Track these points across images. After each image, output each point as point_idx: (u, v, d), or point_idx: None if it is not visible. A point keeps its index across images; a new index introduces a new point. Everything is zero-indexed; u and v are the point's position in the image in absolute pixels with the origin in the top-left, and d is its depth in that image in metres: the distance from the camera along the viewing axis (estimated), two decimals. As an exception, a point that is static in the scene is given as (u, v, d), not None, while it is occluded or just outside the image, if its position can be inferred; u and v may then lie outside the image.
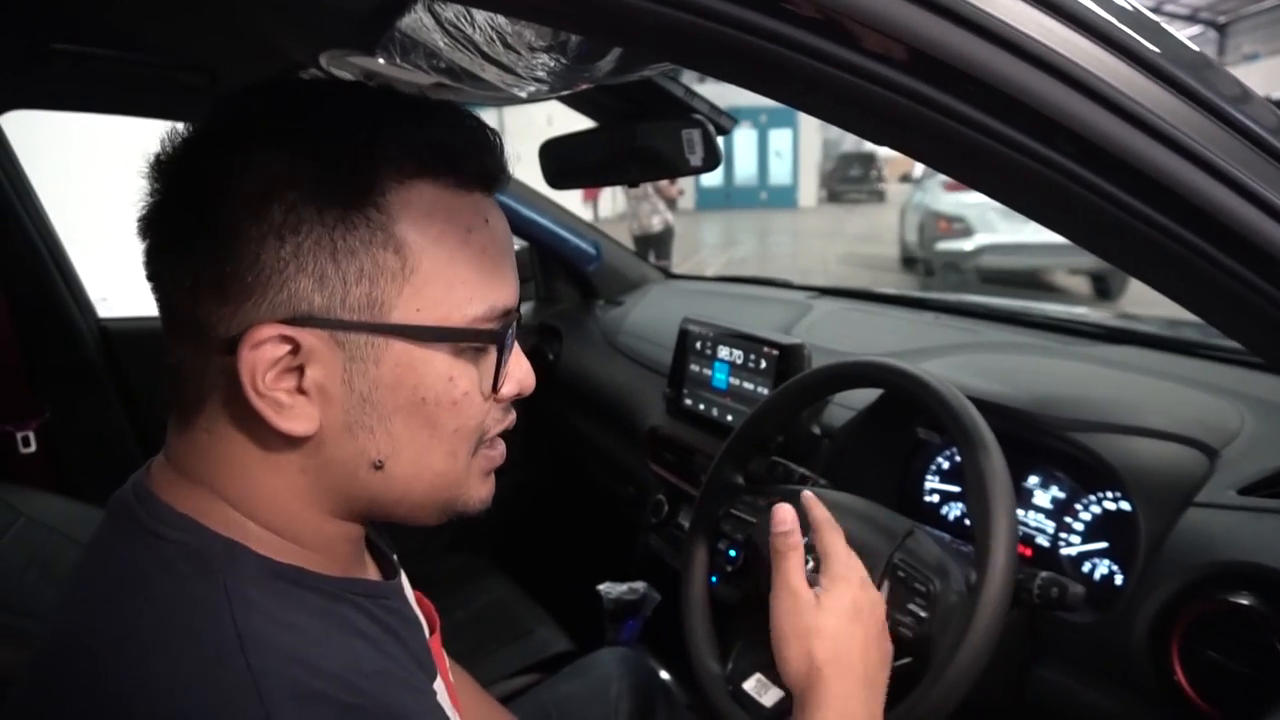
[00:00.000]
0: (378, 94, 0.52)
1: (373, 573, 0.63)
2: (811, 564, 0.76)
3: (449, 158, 0.50)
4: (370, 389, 0.50)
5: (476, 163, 0.52)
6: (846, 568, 0.74)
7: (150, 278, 0.51)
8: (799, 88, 0.46)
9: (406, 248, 0.49)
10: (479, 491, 0.57)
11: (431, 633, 0.69)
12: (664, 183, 7.30)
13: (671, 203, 7.86)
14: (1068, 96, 0.44)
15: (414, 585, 0.71)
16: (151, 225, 0.50)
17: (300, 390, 0.49)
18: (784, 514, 0.75)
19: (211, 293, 0.47)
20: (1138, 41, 0.46)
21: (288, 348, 0.48)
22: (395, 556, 0.71)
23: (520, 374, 0.57)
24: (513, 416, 0.59)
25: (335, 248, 0.47)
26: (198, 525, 0.49)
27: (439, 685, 0.60)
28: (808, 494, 0.81)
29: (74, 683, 0.46)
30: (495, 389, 0.54)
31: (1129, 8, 0.48)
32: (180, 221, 0.49)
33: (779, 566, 0.74)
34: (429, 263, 0.49)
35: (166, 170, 0.50)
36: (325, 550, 0.54)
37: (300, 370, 0.48)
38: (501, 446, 0.58)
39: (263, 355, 0.47)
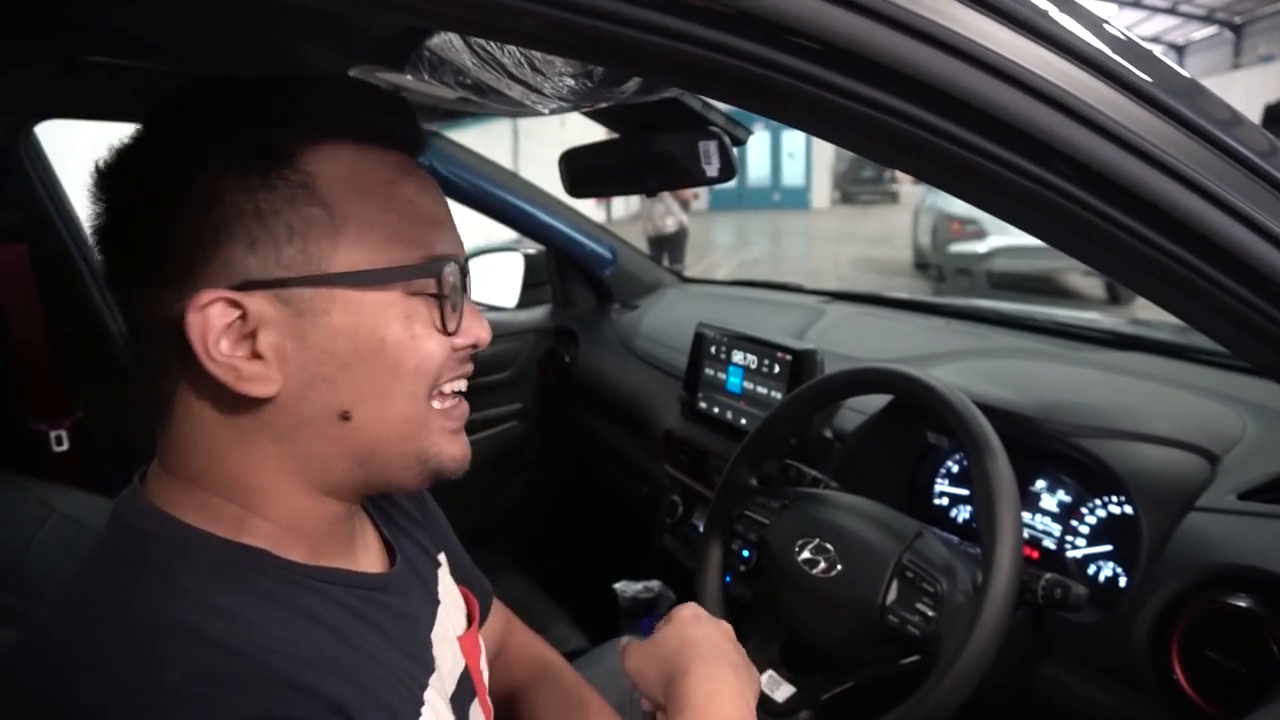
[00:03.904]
0: (285, 78, 0.54)
1: (371, 562, 0.63)
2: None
3: (365, 120, 0.54)
4: (326, 339, 0.51)
5: (389, 126, 0.55)
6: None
7: (109, 286, 0.54)
8: (809, 115, 0.49)
9: (332, 203, 0.51)
10: (450, 448, 0.58)
11: (469, 625, 0.71)
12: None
13: (685, 205, 7.85)
14: (1064, 124, 0.47)
15: None
16: (101, 237, 0.53)
17: (256, 355, 0.50)
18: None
19: (155, 281, 0.50)
20: (1130, 70, 0.48)
21: (236, 313, 0.50)
22: (439, 549, 0.73)
23: (477, 327, 0.58)
24: (469, 369, 0.59)
25: (259, 210, 0.50)
26: (162, 515, 0.52)
27: (440, 680, 0.61)
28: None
29: (26, 669, 0.48)
30: (447, 327, 0.55)
31: (1122, 37, 0.50)
32: (122, 225, 0.52)
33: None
34: (359, 215, 0.52)
35: (106, 182, 0.53)
36: (304, 530, 0.55)
37: (253, 336, 0.50)
38: (464, 405, 0.60)
39: (210, 321, 0.49)
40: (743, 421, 1.36)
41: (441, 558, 0.74)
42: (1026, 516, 1.04)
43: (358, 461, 0.55)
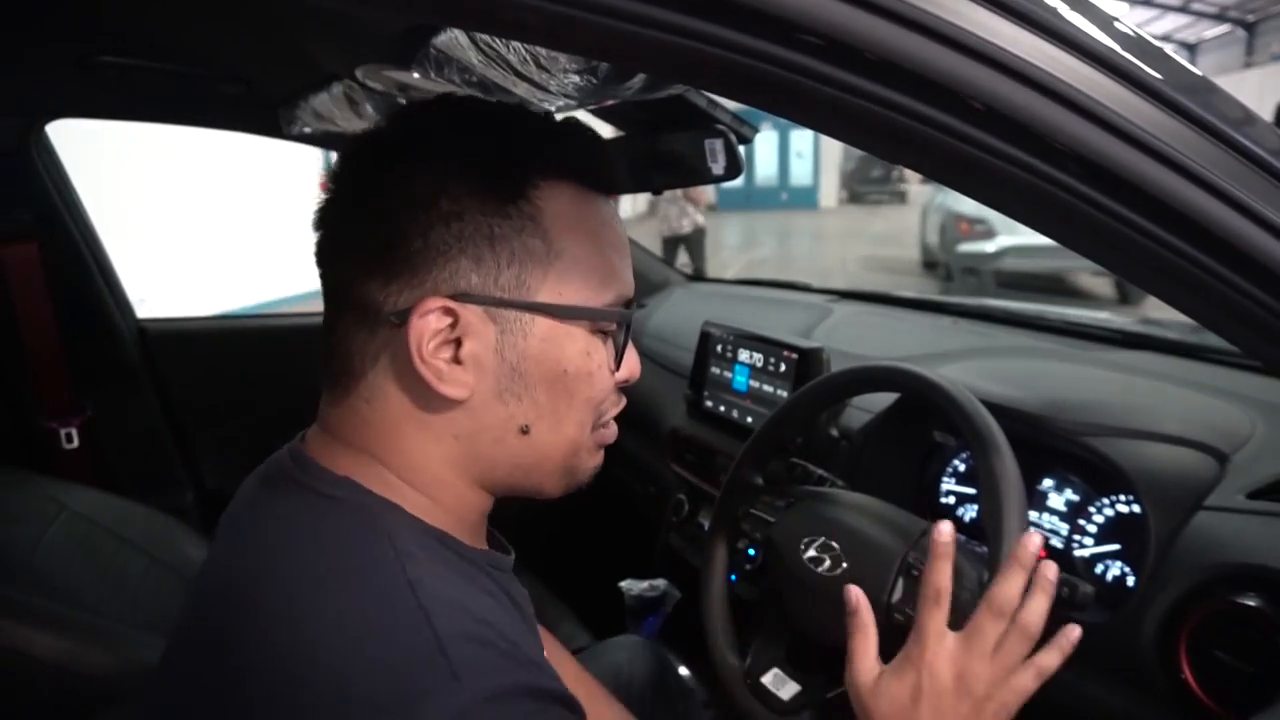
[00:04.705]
0: (525, 111, 0.60)
1: (494, 549, 0.67)
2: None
3: (586, 165, 0.59)
4: (519, 360, 0.56)
5: (605, 171, 0.60)
6: (919, 647, 0.69)
7: (320, 264, 0.58)
8: (815, 111, 0.48)
9: (552, 237, 0.56)
10: (592, 461, 0.64)
11: None
12: (694, 189, 7.32)
13: (699, 207, 7.83)
14: (1073, 121, 0.47)
15: None
16: (326, 220, 0.58)
17: (457, 360, 0.55)
18: (854, 594, 0.75)
19: (380, 275, 0.54)
20: (1140, 68, 0.48)
21: (449, 320, 0.54)
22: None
23: (634, 362, 0.63)
24: (623, 401, 0.64)
25: (492, 233, 0.54)
26: (356, 485, 0.55)
27: None
28: (945, 535, 0.72)
29: (258, 618, 0.50)
30: (617, 366, 0.61)
31: (1131, 34, 0.50)
32: (356, 215, 0.56)
33: (849, 644, 0.74)
34: (570, 251, 0.56)
35: (346, 171, 0.58)
36: (464, 518, 0.59)
37: (457, 343, 0.54)
38: (614, 426, 0.65)
39: (428, 325, 0.53)
40: (749, 420, 1.36)
41: None
42: (1034, 515, 1.03)
43: (521, 470, 0.60)
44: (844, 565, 0.87)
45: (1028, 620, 0.67)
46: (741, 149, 1.06)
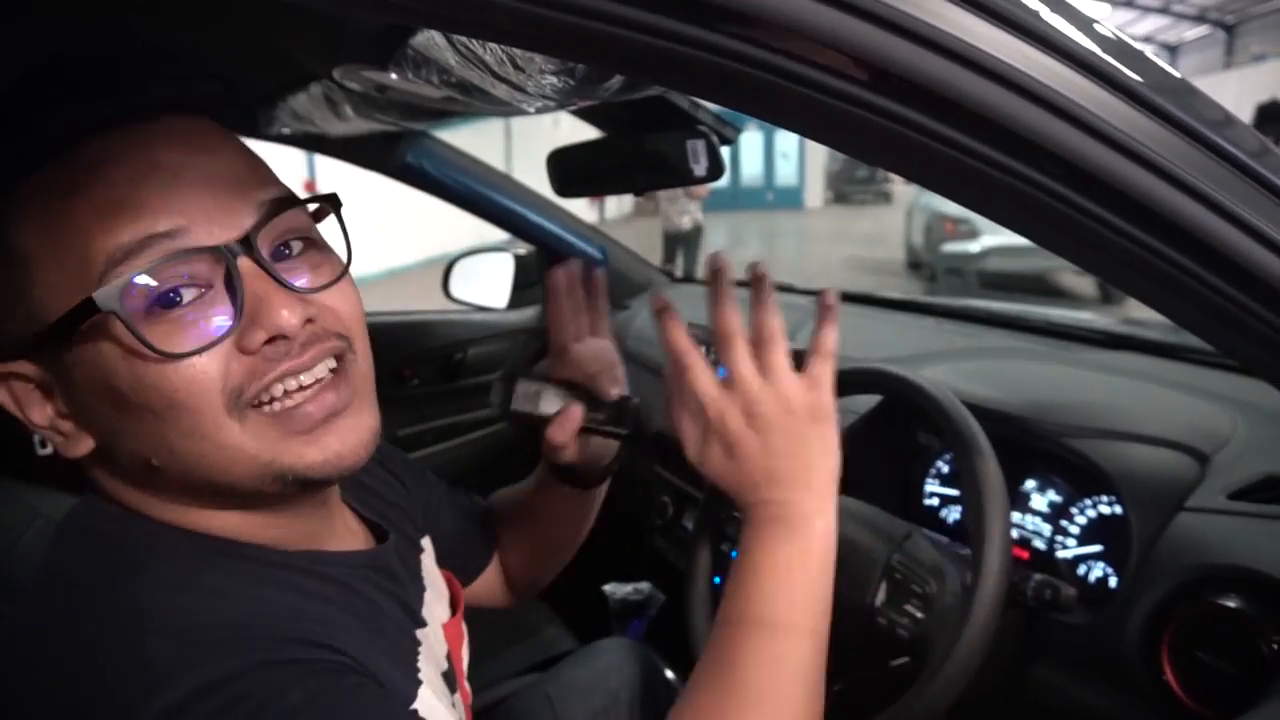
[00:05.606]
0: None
1: (356, 543, 0.62)
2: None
3: (58, 127, 0.46)
4: (84, 397, 0.48)
5: (67, 115, 0.46)
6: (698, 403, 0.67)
7: None
8: (793, 114, 0.48)
9: (20, 246, 0.46)
10: (306, 454, 0.49)
11: (454, 613, 0.70)
12: (694, 185, 7.27)
13: (698, 203, 7.80)
14: (1052, 123, 0.46)
15: None
16: None
17: (63, 415, 0.49)
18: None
19: None
20: (1120, 70, 0.48)
21: (29, 383, 0.48)
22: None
23: (267, 311, 0.46)
24: (293, 363, 0.48)
25: None
26: (124, 514, 0.51)
27: (430, 657, 0.60)
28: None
29: (11, 661, 0.48)
30: (157, 346, 0.45)
31: (1112, 36, 0.50)
32: None
33: (679, 383, 0.69)
34: (44, 252, 0.46)
35: None
36: (261, 522, 0.52)
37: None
38: (324, 399, 0.49)
39: (13, 390, 0.48)
40: (733, 422, 1.36)
41: (425, 543, 0.73)
42: (1016, 517, 1.03)
43: (208, 496, 0.50)
44: (827, 568, 0.86)
45: (762, 325, 0.69)
46: (725, 149, 1.06)
